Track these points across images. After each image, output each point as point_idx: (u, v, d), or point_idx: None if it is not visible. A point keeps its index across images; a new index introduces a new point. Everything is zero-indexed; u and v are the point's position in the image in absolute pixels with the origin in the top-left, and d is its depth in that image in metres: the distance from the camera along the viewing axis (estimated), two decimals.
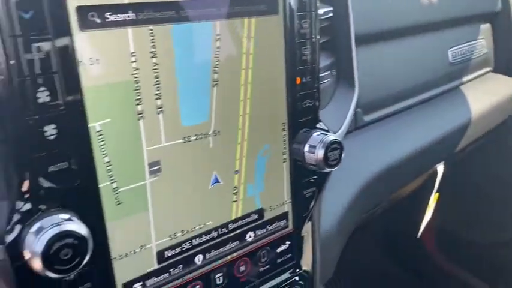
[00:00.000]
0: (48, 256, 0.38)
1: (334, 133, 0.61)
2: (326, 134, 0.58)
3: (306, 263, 0.65)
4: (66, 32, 0.38)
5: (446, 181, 1.35)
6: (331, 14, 0.68)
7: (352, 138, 0.87)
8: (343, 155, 0.59)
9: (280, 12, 0.53)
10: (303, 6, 0.54)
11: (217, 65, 0.49)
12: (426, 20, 1.02)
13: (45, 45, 0.37)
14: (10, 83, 0.36)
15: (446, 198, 1.46)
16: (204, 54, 0.48)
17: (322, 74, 0.67)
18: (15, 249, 0.39)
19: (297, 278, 0.63)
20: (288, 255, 0.62)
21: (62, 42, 0.38)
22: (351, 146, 0.80)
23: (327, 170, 0.58)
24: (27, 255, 0.38)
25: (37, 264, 0.38)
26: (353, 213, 0.82)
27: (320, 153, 0.57)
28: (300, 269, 0.64)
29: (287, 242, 0.61)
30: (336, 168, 0.59)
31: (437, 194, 1.43)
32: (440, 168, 1.28)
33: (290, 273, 0.63)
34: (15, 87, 0.36)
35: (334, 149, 0.57)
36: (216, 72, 0.49)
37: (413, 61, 1.01)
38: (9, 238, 0.39)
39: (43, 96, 0.38)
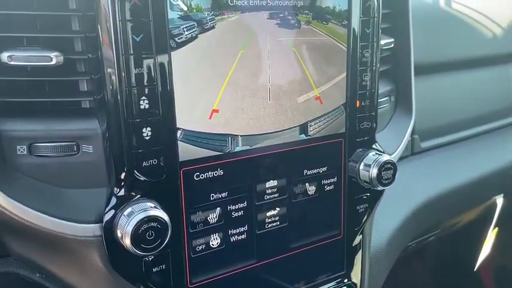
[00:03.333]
0: (136, 236, 0.45)
1: (390, 155, 0.66)
2: (381, 155, 0.62)
3: (355, 275, 0.69)
4: (165, 50, 0.47)
5: (506, 214, 1.33)
6: (392, 45, 0.73)
7: (408, 163, 0.91)
8: (396, 175, 0.63)
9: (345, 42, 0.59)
10: (365, 37, 0.60)
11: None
12: (488, 53, 1.04)
13: (150, 62, 0.45)
14: (121, 92, 0.45)
15: (506, 233, 1.42)
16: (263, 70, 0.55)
17: (381, 100, 0.72)
18: (110, 228, 0.47)
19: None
20: (337, 263, 0.66)
21: (162, 58, 0.47)
22: (406, 170, 0.84)
23: (380, 188, 0.63)
24: (119, 233, 0.47)
25: (127, 242, 0.46)
26: (403, 234, 0.84)
27: (374, 171, 0.61)
28: (349, 280, 0.68)
29: (337, 249, 0.66)
30: (389, 187, 0.63)
31: (497, 228, 1.40)
32: (499, 200, 1.27)
33: (337, 283, 0.67)
34: (125, 95, 0.45)
35: (387, 169, 0.62)
36: None
37: (474, 92, 1.03)
38: (106, 218, 0.47)
39: (144, 103, 0.46)
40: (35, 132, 0.47)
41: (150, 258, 0.50)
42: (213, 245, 0.54)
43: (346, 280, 0.68)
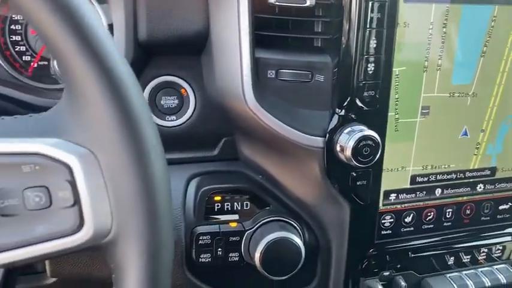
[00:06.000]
0: (356, 149, 0.56)
1: None
2: None
3: None
4: (395, 3, 0.56)
5: None
6: None
7: None
8: None
9: None
10: None
11: (488, 40, 0.62)
12: None
13: (382, 6, 0.55)
14: (358, 32, 0.55)
15: None
16: (480, 30, 0.61)
17: None
18: (331, 142, 0.59)
19: None
20: (508, 216, 0.71)
21: (391, 11, 0.56)
22: None
23: None
24: (338, 147, 0.58)
25: (347, 154, 0.57)
26: None
27: None
28: None
29: (510, 203, 0.71)
30: None
31: None
32: None
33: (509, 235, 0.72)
34: (361, 35, 0.56)
35: None
36: (486, 46, 0.62)
37: None
38: (329, 134, 0.59)
39: (372, 43, 0.56)
40: (281, 61, 0.59)
41: (356, 173, 0.61)
42: None
43: None
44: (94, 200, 0.33)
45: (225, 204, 0.64)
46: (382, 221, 0.65)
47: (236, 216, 0.64)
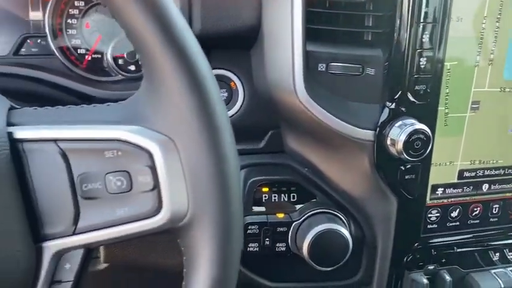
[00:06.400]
0: (407, 143, 0.57)
1: None
2: None
3: None
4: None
5: None
6: None
7: None
8: None
9: None
10: None
11: None
12: None
13: (436, 2, 0.55)
14: (410, 27, 0.56)
15: None
16: None
17: None
18: (381, 135, 0.59)
19: None
20: None
21: (444, 5, 0.56)
22: None
23: None
24: (389, 141, 0.59)
25: (399, 147, 0.57)
26: None
27: None
28: None
29: None
30: None
31: None
32: None
33: None
34: (414, 30, 0.56)
35: None
36: None
37: None
38: (379, 127, 0.59)
39: (425, 38, 0.56)
40: (332, 55, 0.60)
41: (405, 167, 0.61)
42: None
43: None
44: (172, 185, 0.35)
45: (272, 195, 0.65)
46: (429, 215, 0.65)
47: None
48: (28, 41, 0.68)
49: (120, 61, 0.69)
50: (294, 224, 0.64)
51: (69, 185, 0.35)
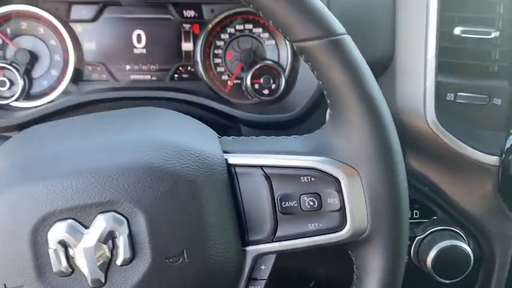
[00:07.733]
0: None
1: None
2: None
3: None
4: None
5: None
6: None
7: None
8: None
9: None
10: None
11: None
12: None
13: None
14: None
15: None
16: None
17: None
18: (508, 161, 0.64)
19: None
20: None
21: None
22: None
23: None
24: None
25: None
26: None
27: None
28: None
29: None
30: None
31: None
32: None
33: None
34: None
35: None
36: None
37: None
38: (505, 154, 0.64)
39: None
40: (460, 86, 0.65)
41: None
42: None
43: None
44: (355, 206, 0.43)
45: None
46: None
47: None
48: (180, 68, 0.79)
49: (256, 86, 0.78)
50: (417, 239, 0.70)
51: (270, 203, 0.44)
